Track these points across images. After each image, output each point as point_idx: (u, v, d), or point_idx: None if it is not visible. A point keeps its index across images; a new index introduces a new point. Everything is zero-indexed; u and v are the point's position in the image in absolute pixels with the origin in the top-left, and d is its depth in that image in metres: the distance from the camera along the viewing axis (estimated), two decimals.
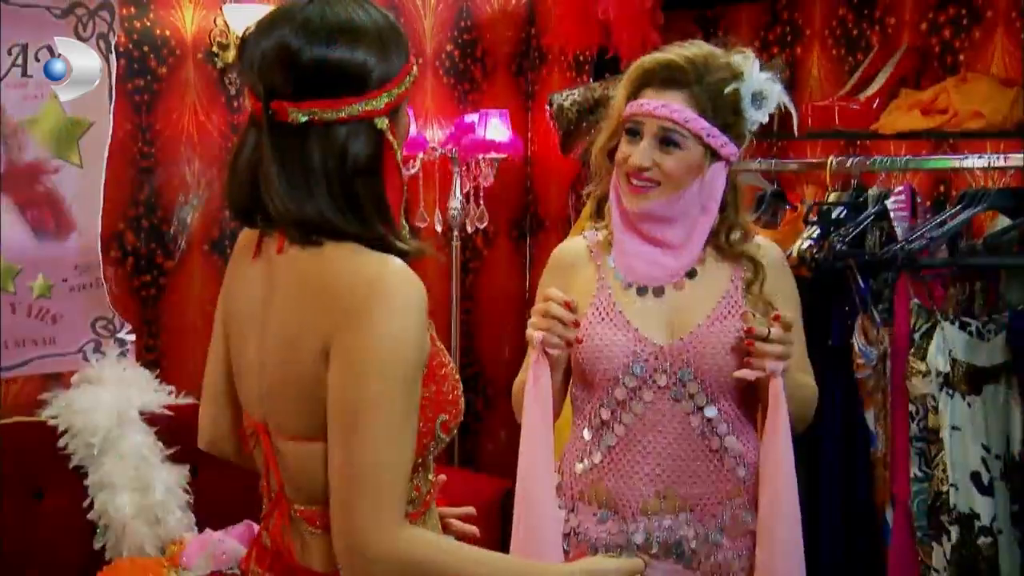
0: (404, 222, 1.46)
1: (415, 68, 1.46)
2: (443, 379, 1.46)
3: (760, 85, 1.93)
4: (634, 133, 1.94)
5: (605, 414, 1.98)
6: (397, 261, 1.39)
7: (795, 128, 2.18)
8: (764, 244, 2.05)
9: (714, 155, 1.93)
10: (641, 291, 1.99)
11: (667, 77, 1.91)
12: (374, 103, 1.38)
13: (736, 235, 1.99)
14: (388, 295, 1.35)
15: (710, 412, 1.95)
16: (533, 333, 1.93)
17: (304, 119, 1.36)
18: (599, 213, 2.08)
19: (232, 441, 1.65)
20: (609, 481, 1.98)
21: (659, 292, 1.98)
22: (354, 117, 1.38)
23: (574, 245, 2.09)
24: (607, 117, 2.03)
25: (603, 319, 1.97)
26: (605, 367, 1.95)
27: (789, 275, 2.07)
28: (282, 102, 1.37)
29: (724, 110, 1.92)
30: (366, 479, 1.33)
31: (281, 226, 1.42)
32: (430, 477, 1.53)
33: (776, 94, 1.95)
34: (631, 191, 1.95)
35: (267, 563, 1.54)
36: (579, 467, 2.02)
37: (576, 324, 1.92)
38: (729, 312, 1.96)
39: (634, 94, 1.95)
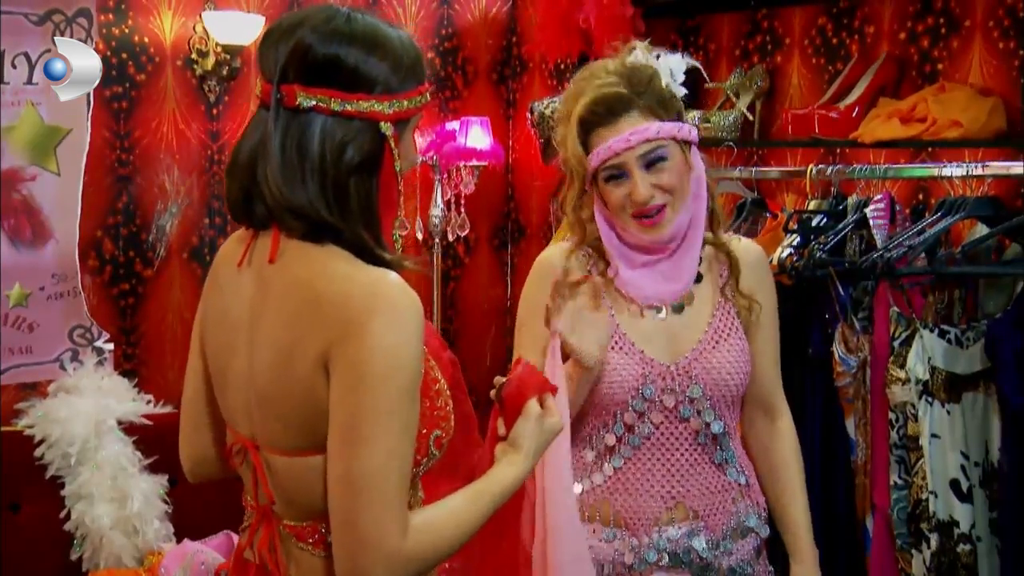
0: (397, 236, 1.47)
1: (428, 95, 1.47)
2: (436, 395, 1.46)
3: (666, 63, 1.95)
4: (617, 176, 1.91)
5: (611, 440, 1.96)
6: (392, 273, 1.39)
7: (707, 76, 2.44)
8: (745, 243, 2.06)
9: (686, 145, 1.94)
10: (656, 309, 1.97)
11: (608, 111, 1.89)
12: (381, 106, 1.40)
13: (715, 219, 2.00)
14: (387, 306, 1.35)
15: (717, 427, 1.96)
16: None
17: (311, 104, 1.38)
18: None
19: (218, 463, 1.63)
20: (617, 500, 1.96)
21: (679, 309, 1.97)
22: (360, 114, 1.39)
23: (561, 253, 2.03)
24: (568, 175, 1.97)
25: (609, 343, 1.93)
26: (615, 392, 1.93)
27: (770, 279, 2.08)
28: (292, 86, 1.39)
29: (669, 102, 1.92)
30: (367, 491, 1.31)
31: (274, 220, 1.41)
32: (419, 495, 1.51)
33: (677, 62, 1.96)
34: (643, 225, 1.92)
35: None
36: (579, 487, 1.97)
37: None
38: (725, 326, 1.98)
39: (586, 143, 1.91)
